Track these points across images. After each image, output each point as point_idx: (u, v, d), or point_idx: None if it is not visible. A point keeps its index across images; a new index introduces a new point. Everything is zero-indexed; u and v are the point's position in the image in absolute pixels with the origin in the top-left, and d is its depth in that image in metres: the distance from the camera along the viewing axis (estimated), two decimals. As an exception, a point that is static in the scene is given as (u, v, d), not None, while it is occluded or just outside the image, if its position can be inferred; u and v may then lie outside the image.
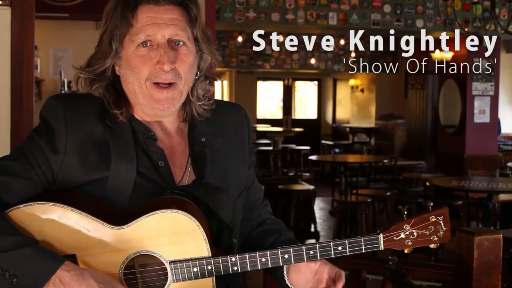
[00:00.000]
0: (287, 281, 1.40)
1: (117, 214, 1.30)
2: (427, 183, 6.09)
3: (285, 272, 1.40)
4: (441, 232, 1.35)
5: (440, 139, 9.55)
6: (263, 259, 1.30)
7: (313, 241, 6.51)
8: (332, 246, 1.31)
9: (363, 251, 1.33)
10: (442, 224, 1.35)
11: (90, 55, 1.41)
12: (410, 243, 1.34)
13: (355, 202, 6.48)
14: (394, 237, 1.34)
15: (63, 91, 6.67)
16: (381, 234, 1.34)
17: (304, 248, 1.31)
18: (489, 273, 1.87)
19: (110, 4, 1.37)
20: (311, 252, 1.31)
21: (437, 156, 9.58)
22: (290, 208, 6.18)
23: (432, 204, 1.37)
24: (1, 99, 2.80)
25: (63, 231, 1.27)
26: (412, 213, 1.37)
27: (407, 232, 1.34)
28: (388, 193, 7.03)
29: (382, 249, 1.34)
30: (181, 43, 1.35)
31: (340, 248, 1.32)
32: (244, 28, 9.76)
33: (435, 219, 1.35)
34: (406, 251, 1.36)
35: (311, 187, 6.81)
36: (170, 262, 1.28)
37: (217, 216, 1.36)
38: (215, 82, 1.49)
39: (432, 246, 1.37)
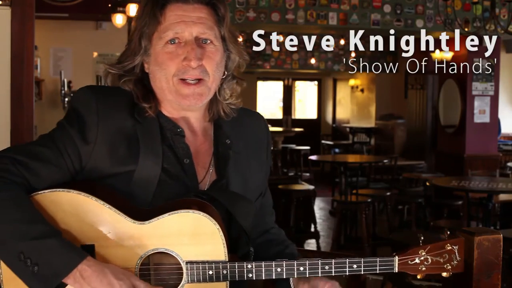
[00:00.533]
0: None
1: (140, 210, 1.31)
2: (427, 183, 6.09)
3: (292, 285, 1.41)
4: (455, 262, 1.38)
5: (440, 139, 9.55)
6: (279, 269, 1.31)
7: (313, 241, 6.53)
8: (347, 263, 1.33)
9: (377, 272, 1.35)
10: (456, 253, 1.38)
11: (121, 52, 1.44)
12: (424, 268, 1.37)
13: (355, 202, 6.48)
14: (409, 261, 1.36)
15: (63, 91, 6.67)
16: (397, 257, 1.35)
17: (320, 262, 1.33)
18: (489, 273, 1.87)
19: (141, 4, 1.41)
20: (327, 268, 1.33)
21: (437, 156, 9.58)
22: (290, 208, 6.18)
23: (449, 232, 1.39)
24: (1, 99, 2.80)
25: (85, 220, 1.28)
26: (412, 213, 1.38)
27: (422, 258, 1.36)
28: (388, 193, 7.03)
29: (396, 271, 1.35)
30: (209, 41, 1.37)
31: (355, 266, 1.34)
32: (244, 28, 9.76)
33: (450, 247, 1.37)
34: (418, 277, 1.38)
35: (311, 187, 6.81)
36: (187, 263, 1.29)
37: (237, 223, 1.38)
38: (244, 81, 1.51)
39: (444, 274, 1.39)
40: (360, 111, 13.07)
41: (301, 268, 1.32)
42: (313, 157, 8.79)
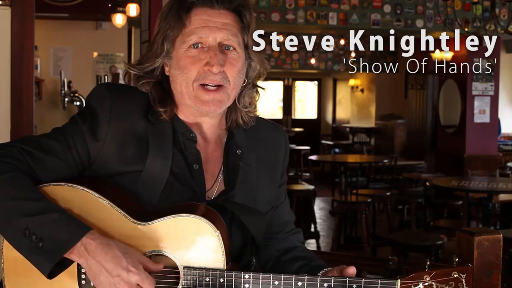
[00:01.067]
0: None
1: (142, 210, 1.31)
2: (427, 183, 6.09)
3: None
4: None
5: (440, 139, 9.55)
6: (276, 282, 1.29)
7: (313, 241, 6.53)
8: (347, 282, 1.30)
9: None
10: (464, 282, 1.30)
11: (142, 54, 1.44)
12: None
13: (355, 202, 6.48)
14: (412, 286, 1.30)
15: (63, 91, 6.67)
16: (399, 280, 1.30)
17: (319, 279, 1.30)
18: (489, 273, 1.87)
19: (166, 6, 1.40)
20: (325, 285, 1.29)
21: (437, 156, 9.58)
22: (290, 208, 6.17)
23: (457, 259, 1.32)
24: (1, 99, 2.80)
25: (86, 216, 1.28)
26: (412, 213, 1.35)
27: (426, 284, 1.29)
28: (388, 193, 7.03)
29: None
30: (232, 48, 1.37)
31: (355, 286, 1.31)
32: (244, 28, 9.77)
33: (457, 275, 1.29)
34: None
35: (311, 187, 6.81)
36: (184, 267, 1.29)
37: (245, 232, 1.38)
38: (264, 90, 1.50)
39: None
40: (360, 111, 13.08)
41: (299, 284, 1.29)
42: (313, 157, 8.79)
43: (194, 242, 1.28)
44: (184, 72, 1.35)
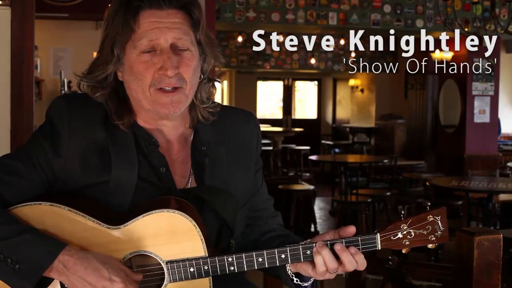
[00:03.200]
0: (291, 275, 1.38)
1: (115, 215, 1.30)
2: (427, 183, 6.09)
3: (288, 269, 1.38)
4: (439, 232, 1.34)
5: (440, 139, 9.55)
6: (260, 259, 1.30)
7: (313, 241, 6.53)
8: (329, 245, 1.30)
9: (361, 251, 1.32)
10: (440, 224, 1.34)
11: (91, 61, 1.39)
12: (407, 243, 1.34)
13: (355, 202, 6.48)
14: (392, 237, 1.33)
15: (63, 91, 6.67)
16: (378, 234, 1.33)
17: (301, 247, 1.31)
18: (489, 273, 1.87)
19: (111, 9, 1.36)
20: (308, 252, 1.31)
21: (437, 156, 9.57)
22: (290, 208, 6.18)
23: (429, 203, 1.36)
24: (1, 99, 2.80)
25: (60, 231, 1.27)
26: (412, 213, 1.36)
27: (405, 232, 1.33)
28: (388, 193, 7.03)
29: (379, 248, 1.33)
30: (185, 47, 1.34)
31: (338, 247, 1.31)
32: (244, 28, 9.76)
33: (432, 218, 1.33)
34: (403, 251, 1.35)
35: (311, 187, 6.81)
36: (167, 262, 1.28)
37: (218, 216, 1.37)
38: (218, 84, 1.47)
39: (430, 246, 1.36)
40: (360, 111, 13.07)
41: (283, 256, 1.30)
42: (313, 157, 8.79)
43: (172, 235, 1.28)
44: (138, 79, 1.32)
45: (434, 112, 9.94)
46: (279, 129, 12.27)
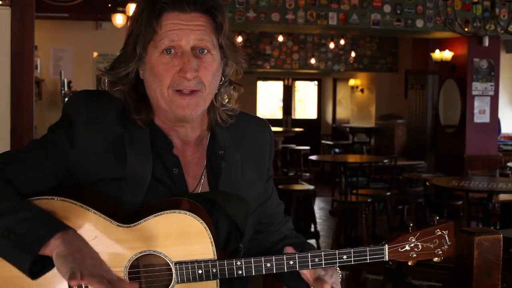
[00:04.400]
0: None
1: (126, 213, 1.31)
2: (427, 183, 6.09)
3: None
4: (446, 246, 1.36)
5: (440, 139, 9.55)
6: (268, 264, 1.31)
7: (313, 241, 6.53)
8: (337, 254, 1.32)
9: (368, 261, 1.34)
10: (447, 238, 1.36)
11: (114, 58, 1.40)
12: (414, 255, 1.36)
13: (355, 202, 6.48)
14: (399, 249, 1.35)
15: (63, 91, 6.68)
16: (387, 245, 1.35)
17: (309, 255, 1.32)
18: (489, 273, 1.87)
19: (136, 8, 1.37)
20: (316, 260, 1.32)
21: (437, 156, 9.58)
22: (290, 208, 6.18)
23: (438, 218, 1.39)
24: (1, 99, 2.80)
25: (71, 226, 1.26)
26: (412, 213, 1.38)
27: (412, 245, 1.35)
28: (388, 193, 7.03)
29: (387, 259, 1.35)
30: (206, 50, 1.34)
31: (345, 257, 1.34)
32: (244, 28, 9.76)
33: (440, 232, 1.36)
34: (410, 263, 1.37)
35: (311, 187, 6.81)
36: (176, 263, 1.29)
37: (229, 220, 1.38)
38: (241, 87, 1.48)
39: (435, 259, 1.37)
40: (360, 111, 13.08)
41: (291, 262, 1.32)
42: (313, 157, 8.79)
43: (182, 236, 1.28)
44: (158, 79, 1.33)
45: (434, 112, 9.95)
46: (279, 129, 12.28)
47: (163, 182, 1.36)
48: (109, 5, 6.26)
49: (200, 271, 1.29)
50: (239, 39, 10.49)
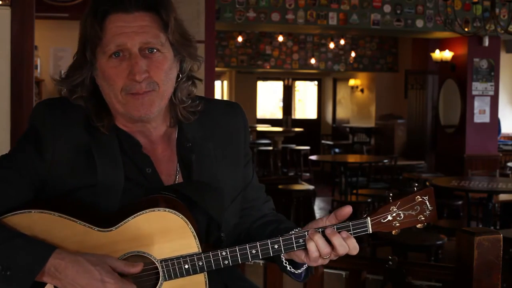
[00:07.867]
0: (286, 265, 1.39)
1: (105, 217, 1.30)
2: (427, 183, 6.08)
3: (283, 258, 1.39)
4: (427, 212, 1.36)
5: (440, 139, 9.55)
6: (253, 251, 1.30)
7: (313, 241, 6.54)
8: (320, 231, 1.32)
9: (352, 235, 1.34)
10: (427, 203, 1.36)
11: (68, 66, 1.38)
12: (397, 224, 1.36)
13: (355, 202, 6.48)
14: (382, 220, 1.36)
15: (63, 92, 6.66)
16: (369, 218, 1.36)
17: (293, 237, 1.32)
18: (489, 273, 1.87)
19: (83, 14, 1.35)
20: (301, 241, 1.32)
21: (437, 156, 9.58)
22: (290, 208, 6.18)
23: (416, 185, 1.39)
24: (1, 99, 2.80)
25: (51, 237, 1.26)
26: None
27: (394, 214, 1.36)
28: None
29: (371, 232, 1.35)
30: (155, 50, 1.31)
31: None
32: (244, 28, 9.76)
33: (420, 199, 1.35)
34: (393, 233, 1.38)
35: (311, 187, 6.81)
36: (161, 261, 1.28)
37: (205, 212, 1.36)
38: (201, 81, 1.46)
39: (419, 226, 1.38)
40: (360, 111, 13.07)
41: (276, 246, 1.31)
42: (313, 157, 8.79)
43: (164, 234, 1.28)
44: (109, 84, 1.31)
45: (434, 112, 9.95)
46: (279, 129, 12.28)
47: (138, 183, 1.35)
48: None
49: (186, 266, 1.29)
50: (239, 39, 10.51)
